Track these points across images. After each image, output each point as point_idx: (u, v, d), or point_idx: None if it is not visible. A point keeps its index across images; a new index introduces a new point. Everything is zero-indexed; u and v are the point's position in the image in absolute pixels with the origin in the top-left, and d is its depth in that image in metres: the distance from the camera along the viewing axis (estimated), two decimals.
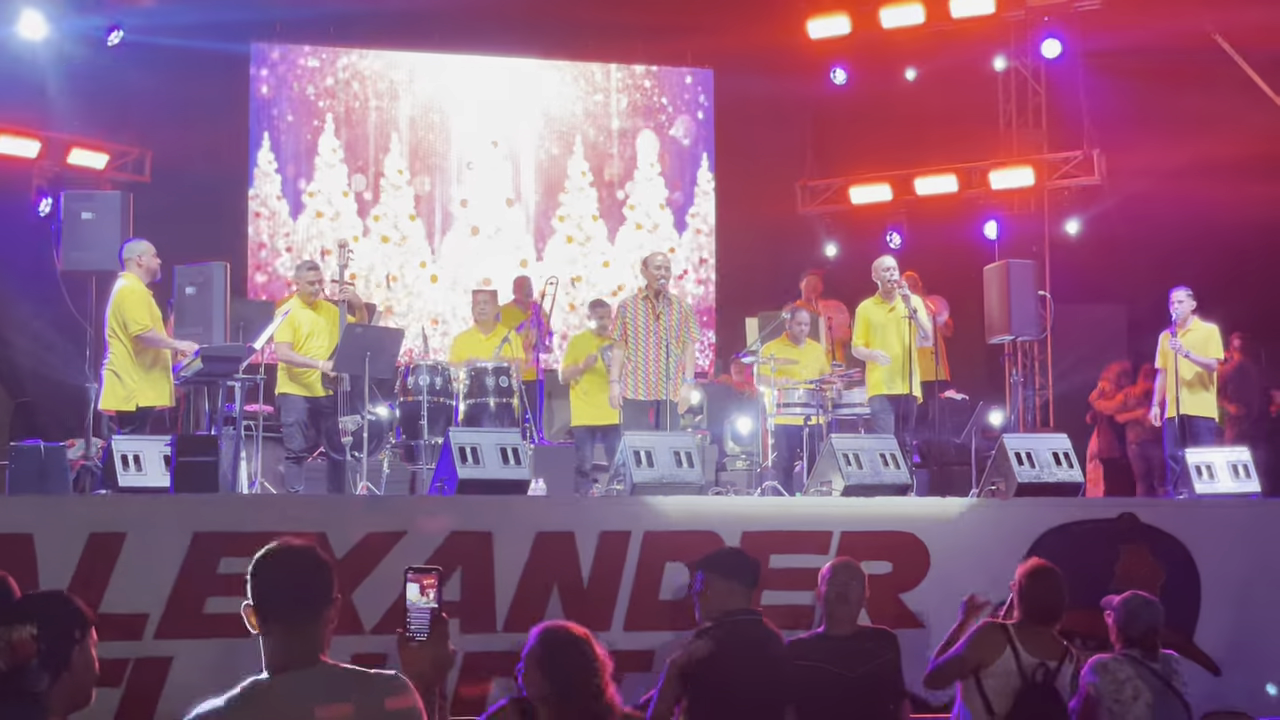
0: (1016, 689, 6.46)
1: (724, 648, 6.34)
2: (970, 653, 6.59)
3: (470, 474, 9.20)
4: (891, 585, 8.95)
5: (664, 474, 9.53)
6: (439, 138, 17.79)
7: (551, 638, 5.23)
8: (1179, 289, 12.56)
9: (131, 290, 10.58)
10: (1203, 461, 10.61)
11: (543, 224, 17.94)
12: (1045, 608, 6.58)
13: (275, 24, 17.12)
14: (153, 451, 9.24)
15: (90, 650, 4.13)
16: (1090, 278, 16.57)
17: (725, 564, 6.65)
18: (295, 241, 17.13)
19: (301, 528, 7.81)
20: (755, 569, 6.67)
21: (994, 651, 6.51)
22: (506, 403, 11.97)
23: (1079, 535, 9.40)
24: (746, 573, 6.60)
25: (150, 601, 7.99)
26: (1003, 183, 17.44)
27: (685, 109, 18.54)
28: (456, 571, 8.35)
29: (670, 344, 11.41)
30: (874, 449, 10.04)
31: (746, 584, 6.56)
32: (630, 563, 8.74)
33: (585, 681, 5.08)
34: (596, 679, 5.10)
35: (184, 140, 15.83)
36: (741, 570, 6.60)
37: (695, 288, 18.17)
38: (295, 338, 11.37)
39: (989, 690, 6.51)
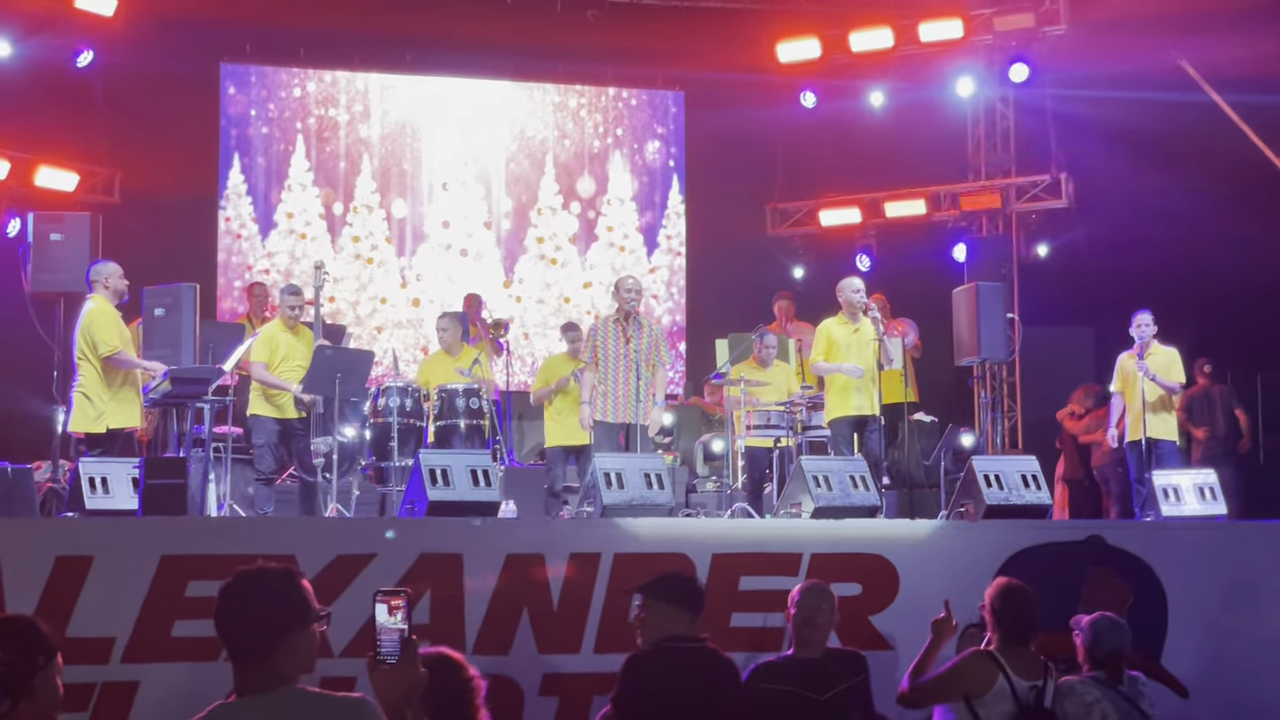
0: (1012, 713, 6.46)
1: (657, 675, 6.27)
2: (959, 681, 6.58)
3: (440, 496, 9.18)
4: (861, 607, 8.95)
5: (634, 496, 9.52)
6: (410, 159, 17.79)
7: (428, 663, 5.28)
8: (1142, 312, 12.62)
9: (100, 312, 10.55)
10: (1169, 484, 10.67)
11: (514, 245, 17.94)
12: (1022, 625, 6.60)
13: (245, 45, 17.11)
14: (120, 474, 9.18)
15: (54, 678, 4.11)
16: (1058, 300, 16.66)
17: (668, 588, 6.55)
18: (264, 263, 17.09)
19: (270, 550, 7.78)
20: (696, 593, 6.57)
21: (986, 682, 6.50)
22: (477, 424, 11.96)
23: (1047, 557, 9.42)
24: (686, 595, 6.50)
25: (117, 625, 7.93)
26: (971, 205, 17.54)
27: (656, 132, 18.58)
28: (426, 594, 8.33)
29: (641, 366, 11.42)
30: (843, 471, 10.05)
31: (687, 608, 6.46)
32: (600, 585, 8.72)
33: (460, 706, 5.08)
34: (470, 705, 5.09)
35: (154, 161, 15.80)
36: (680, 593, 6.50)
37: (666, 309, 18.19)
38: (271, 359, 11.36)
39: (983, 716, 6.50)
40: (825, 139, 17.73)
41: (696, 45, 17.16)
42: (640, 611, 6.49)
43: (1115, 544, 9.61)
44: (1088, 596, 9.14)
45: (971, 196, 17.56)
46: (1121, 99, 15.64)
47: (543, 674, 8.51)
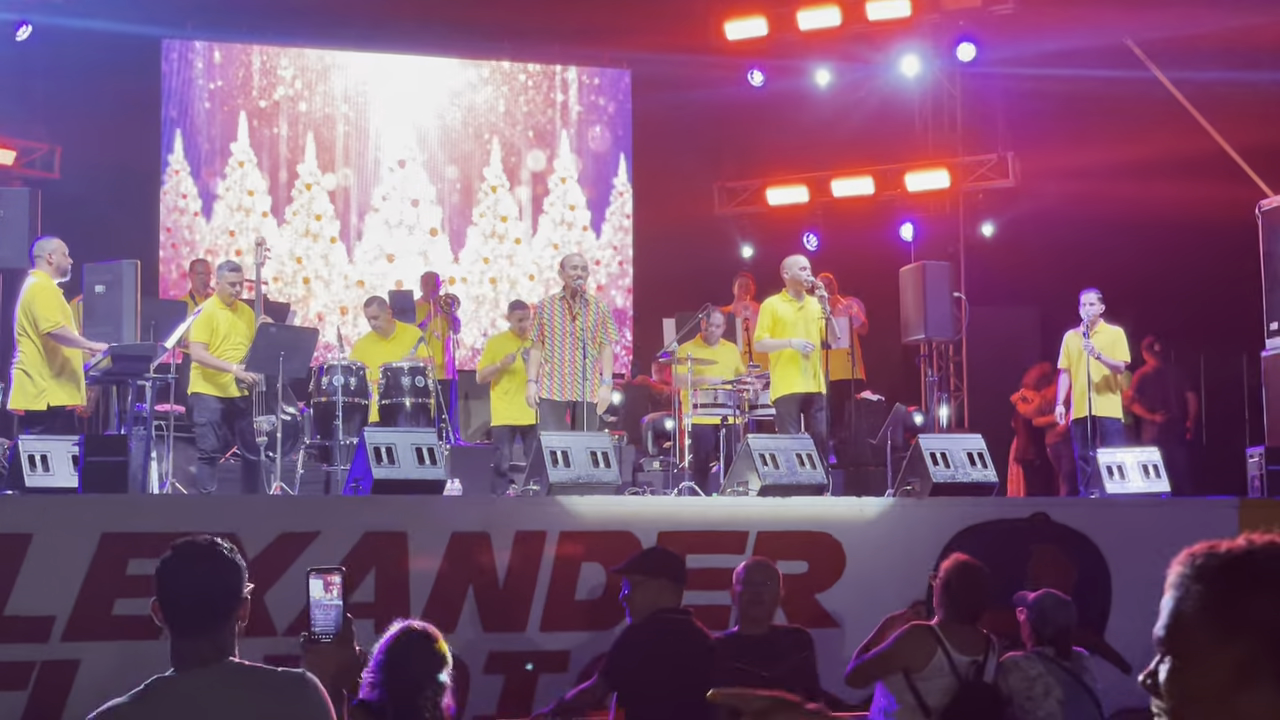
0: (952, 687, 6.49)
1: (656, 645, 6.32)
2: (897, 655, 6.59)
3: (385, 474, 9.14)
4: (807, 585, 8.99)
5: (580, 474, 9.50)
6: (354, 136, 17.66)
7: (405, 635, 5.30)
8: (1089, 291, 12.67)
9: (42, 288, 10.44)
10: (1113, 462, 10.75)
11: (460, 223, 17.86)
12: (970, 605, 6.61)
13: (187, 21, 16.94)
14: (60, 451, 9.10)
15: None
16: (1004, 279, 16.72)
17: (651, 563, 6.62)
18: (207, 239, 16.94)
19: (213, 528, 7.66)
20: (680, 566, 6.65)
21: (924, 655, 6.53)
22: (422, 403, 11.90)
23: (992, 535, 9.47)
24: (671, 570, 6.57)
25: (57, 604, 7.87)
26: (918, 185, 17.56)
27: (602, 110, 18.52)
28: (370, 572, 8.29)
29: (587, 344, 11.38)
30: (790, 449, 10.06)
31: (675, 580, 6.53)
32: (546, 563, 8.71)
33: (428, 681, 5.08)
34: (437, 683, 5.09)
35: (94, 136, 15.63)
36: (665, 568, 6.57)
37: (613, 287, 18.16)
38: (212, 339, 11.24)
39: (922, 691, 6.52)
40: (773, 118, 17.73)
41: (644, 23, 17.10)
42: (628, 589, 6.49)
43: (1060, 521, 9.68)
44: (1033, 573, 9.19)
45: (918, 175, 17.57)
46: (1067, 77, 15.69)
47: (488, 651, 8.49)
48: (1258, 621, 2.13)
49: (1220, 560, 2.20)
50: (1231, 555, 2.20)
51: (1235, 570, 2.19)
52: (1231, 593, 2.17)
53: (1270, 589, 2.15)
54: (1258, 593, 2.15)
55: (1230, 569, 2.19)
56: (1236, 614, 2.15)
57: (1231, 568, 2.19)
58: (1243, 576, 2.17)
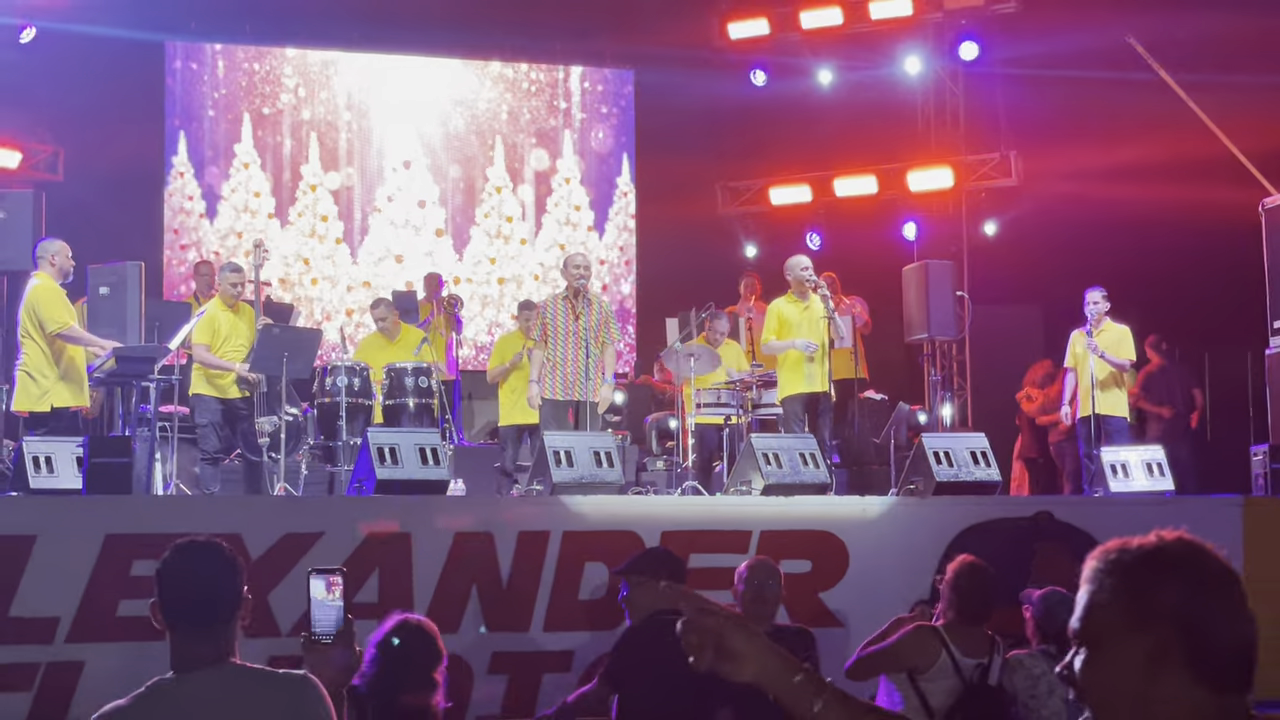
0: (956, 689, 6.48)
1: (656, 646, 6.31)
2: (901, 654, 6.59)
3: (389, 474, 9.15)
4: (811, 584, 8.99)
5: (584, 474, 9.51)
6: (357, 137, 17.68)
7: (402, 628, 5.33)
8: (1094, 289, 12.66)
9: (46, 289, 10.45)
10: (1118, 460, 10.74)
11: (463, 224, 17.86)
12: (977, 607, 6.60)
13: (190, 22, 16.95)
14: (65, 453, 9.10)
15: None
16: (1007, 278, 16.70)
17: (650, 564, 6.59)
18: (211, 241, 16.96)
19: (217, 529, 7.72)
20: (679, 566, 6.63)
21: (929, 657, 6.52)
22: (426, 403, 11.91)
23: (996, 533, 9.46)
24: (673, 570, 6.55)
25: (62, 605, 7.88)
26: (921, 184, 17.55)
27: (605, 110, 18.53)
28: (374, 573, 8.30)
29: (590, 344, 11.38)
30: (793, 448, 10.06)
31: (674, 581, 6.50)
32: (550, 563, 8.72)
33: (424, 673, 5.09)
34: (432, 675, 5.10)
35: (98, 138, 15.65)
36: (667, 568, 6.54)
37: (619, 287, 18.16)
38: (213, 340, 11.25)
39: (927, 692, 6.52)
40: (775, 117, 17.72)
41: (646, 23, 17.11)
42: (627, 590, 6.48)
43: (1063, 520, 9.67)
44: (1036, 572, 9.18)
45: (921, 174, 17.56)
46: (1070, 77, 15.68)
47: (492, 652, 8.50)
48: (1166, 612, 2.25)
49: (1132, 555, 2.32)
50: (1142, 550, 2.31)
51: (1145, 564, 2.30)
52: (1141, 585, 2.29)
53: (1177, 581, 2.26)
54: (1166, 585, 2.26)
55: (1140, 563, 2.31)
56: (1146, 605, 2.27)
57: (1142, 562, 2.31)
58: (1152, 569, 2.29)
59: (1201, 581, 2.28)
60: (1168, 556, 2.30)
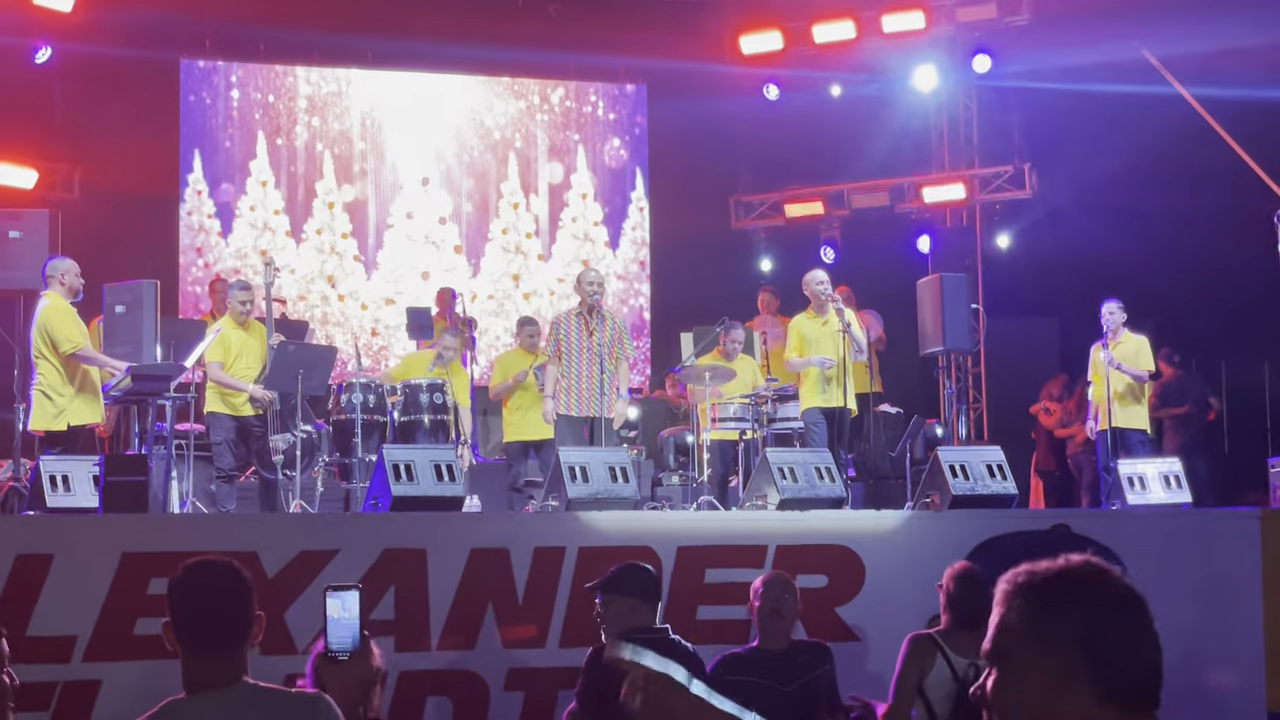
0: (955, 693, 6.49)
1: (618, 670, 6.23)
2: (909, 671, 6.60)
3: (405, 491, 9.14)
4: (827, 599, 8.97)
5: (599, 489, 9.50)
6: (372, 154, 17.71)
7: None
8: (1110, 301, 12.64)
9: (57, 309, 10.46)
10: (1135, 473, 10.70)
11: (477, 240, 17.88)
12: (970, 611, 6.60)
13: (205, 40, 17.01)
14: (81, 472, 9.12)
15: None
16: (1022, 291, 16.69)
17: (623, 582, 6.50)
18: (227, 259, 16.99)
19: (233, 547, 7.74)
20: (653, 583, 6.53)
21: (929, 663, 6.54)
22: (441, 419, 11.92)
23: (1013, 547, 9.43)
24: (646, 588, 6.46)
25: (79, 623, 7.89)
26: (935, 197, 17.54)
27: (619, 125, 18.55)
28: (390, 589, 8.30)
29: (605, 359, 11.39)
30: (809, 463, 10.04)
31: (646, 599, 6.42)
32: (565, 579, 8.70)
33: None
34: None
35: (114, 158, 15.69)
36: (640, 586, 6.44)
37: (634, 301, 18.17)
38: (226, 357, 11.27)
39: (931, 698, 6.53)
40: (789, 131, 17.72)
41: (658, 38, 17.13)
42: (601, 607, 6.44)
43: (1081, 532, 9.63)
44: None
45: (935, 188, 17.55)
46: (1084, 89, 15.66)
47: (508, 669, 8.49)
48: (1071, 632, 2.33)
49: (1039, 577, 2.41)
50: (1049, 572, 2.40)
51: (1050, 586, 2.39)
52: (1047, 606, 2.37)
53: (1081, 603, 2.35)
54: (1070, 606, 2.35)
55: (1047, 585, 2.39)
56: (1052, 626, 2.35)
57: (1047, 584, 2.39)
58: (1057, 592, 2.38)
59: (1105, 604, 2.35)
60: (1072, 579, 2.38)
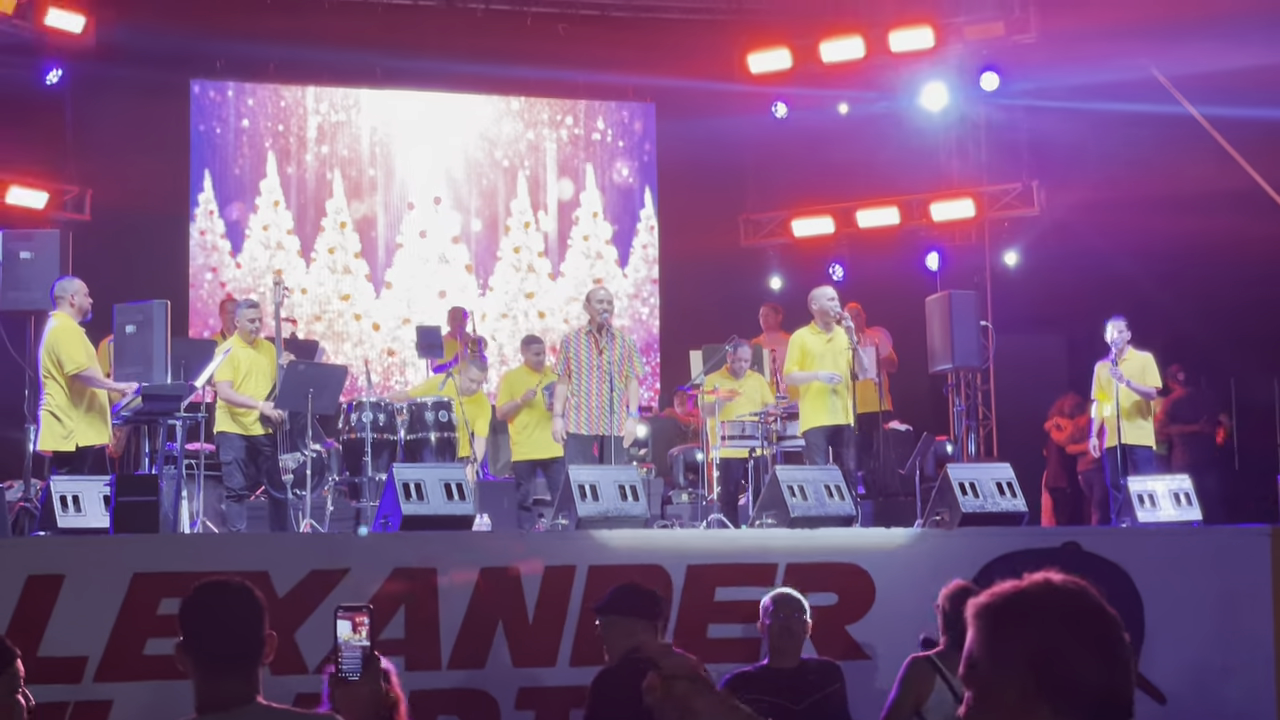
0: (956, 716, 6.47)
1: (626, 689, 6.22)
2: (906, 696, 6.58)
3: (415, 510, 9.15)
4: (837, 617, 8.95)
5: (609, 507, 9.50)
6: (381, 173, 17.75)
7: None
8: (1116, 318, 12.65)
9: (64, 329, 10.48)
10: (1144, 490, 10.68)
11: (487, 258, 17.91)
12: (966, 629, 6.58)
13: (216, 61, 17.06)
14: (92, 492, 9.14)
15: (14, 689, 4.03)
16: (1031, 308, 16.67)
17: (622, 602, 6.47)
18: (237, 279, 17.03)
19: (244, 567, 7.75)
20: (653, 602, 6.50)
21: (926, 685, 6.52)
22: (448, 437, 11.93)
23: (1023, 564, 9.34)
24: (645, 607, 6.44)
25: (89, 644, 7.89)
26: (943, 214, 17.54)
27: (627, 143, 18.58)
28: (400, 608, 8.30)
29: (614, 378, 11.40)
30: (819, 480, 10.03)
31: (646, 618, 6.40)
32: (575, 597, 8.69)
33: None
34: None
35: (125, 178, 15.75)
36: (639, 605, 6.42)
37: (643, 320, 18.18)
38: (235, 376, 11.30)
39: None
40: (797, 149, 17.72)
41: (667, 57, 17.17)
42: (602, 629, 6.42)
43: (1091, 550, 9.62)
44: None
45: (944, 205, 17.55)
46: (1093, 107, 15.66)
47: (519, 687, 8.48)
48: (1026, 654, 2.34)
49: (995, 601, 2.42)
50: (1004, 595, 2.41)
51: (1006, 609, 2.40)
52: (1003, 629, 2.38)
53: (1034, 624, 2.35)
54: (1024, 627, 2.36)
55: (1001, 608, 2.41)
56: (1009, 649, 2.36)
57: (1004, 607, 2.40)
58: (1012, 614, 2.38)
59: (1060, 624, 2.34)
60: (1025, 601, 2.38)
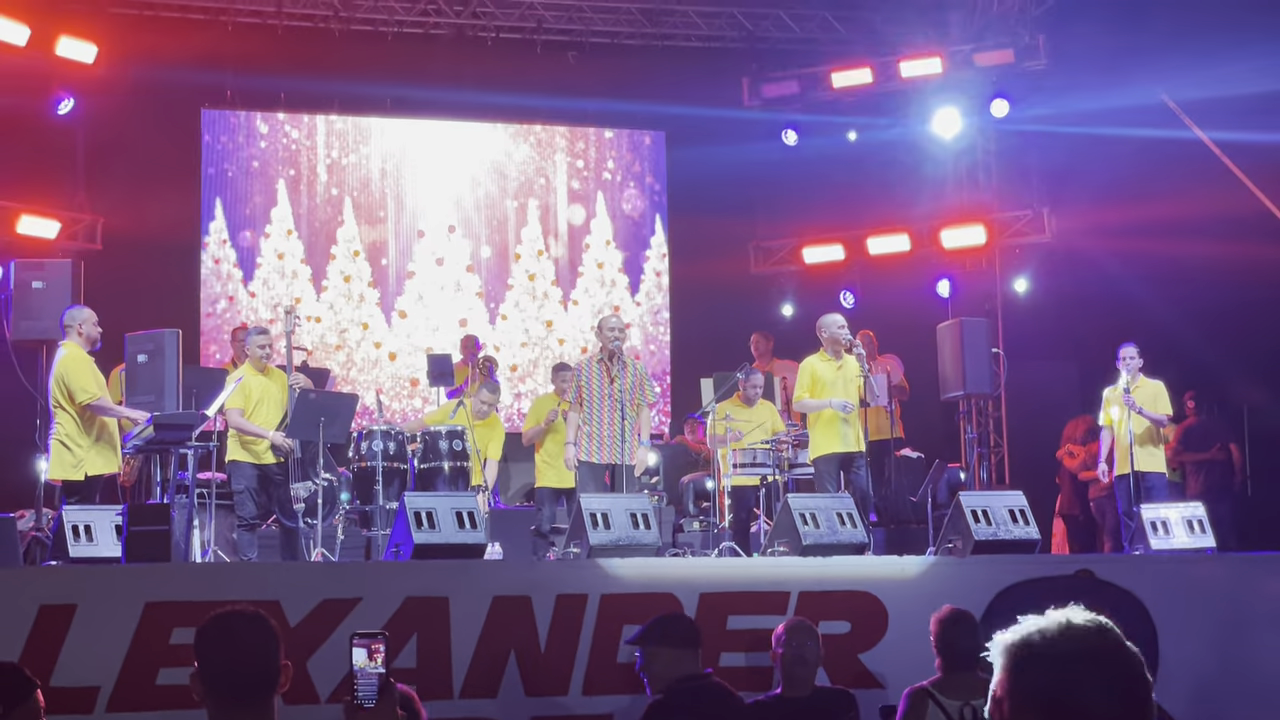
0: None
1: (689, 714, 6.25)
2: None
3: (426, 539, 9.14)
4: (850, 645, 8.92)
5: (621, 536, 9.47)
6: (392, 202, 17.78)
7: None
8: (1127, 345, 12.64)
9: (74, 359, 10.49)
10: (1158, 517, 10.65)
11: (497, 287, 17.92)
12: (960, 652, 6.58)
13: (226, 90, 17.12)
14: (104, 521, 9.13)
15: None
16: (1042, 334, 16.66)
17: (662, 632, 6.50)
18: (248, 307, 17.05)
19: (255, 596, 7.73)
20: (693, 630, 6.55)
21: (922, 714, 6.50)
22: (461, 466, 11.93)
23: (1036, 592, 9.38)
24: (685, 635, 6.46)
25: (102, 674, 7.87)
26: (954, 241, 17.53)
27: (638, 171, 18.61)
28: (412, 637, 8.28)
29: (626, 406, 11.39)
30: (831, 508, 10.01)
31: (688, 646, 6.42)
32: (588, 626, 8.68)
33: None
34: None
35: (136, 208, 15.79)
36: (680, 634, 6.45)
37: (654, 348, 18.18)
38: (246, 404, 11.30)
39: None
40: (807, 176, 17.75)
41: (677, 84, 17.21)
42: (643, 660, 6.42)
43: (1104, 578, 9.58)
44: None
45: (954, 232, 17.56)
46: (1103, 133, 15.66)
47: (531, 717, 8.46)
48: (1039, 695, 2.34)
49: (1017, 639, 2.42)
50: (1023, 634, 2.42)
51: (1022, 649, 2.40)
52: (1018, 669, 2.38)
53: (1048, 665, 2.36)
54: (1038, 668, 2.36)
55: (1020, 647, 2.40)
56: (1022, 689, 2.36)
57: (1021, 646, 2.40)
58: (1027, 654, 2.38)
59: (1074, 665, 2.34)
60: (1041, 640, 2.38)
